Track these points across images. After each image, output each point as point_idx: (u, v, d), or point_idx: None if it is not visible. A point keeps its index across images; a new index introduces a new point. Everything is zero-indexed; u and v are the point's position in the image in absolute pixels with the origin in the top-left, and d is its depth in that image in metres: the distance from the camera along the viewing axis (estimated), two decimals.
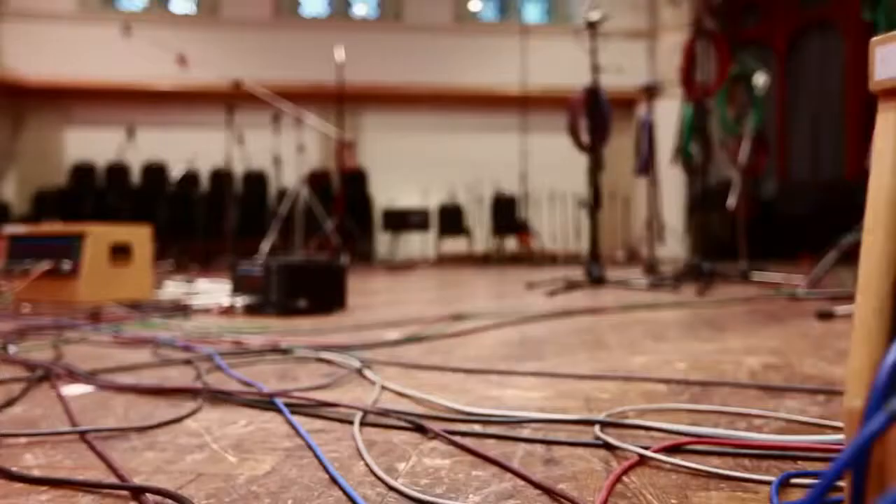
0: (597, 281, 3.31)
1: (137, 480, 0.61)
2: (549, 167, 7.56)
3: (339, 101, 6.35)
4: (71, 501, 0.57)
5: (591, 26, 3.19)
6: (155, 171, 7.96)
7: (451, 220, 8.07)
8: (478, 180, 8.09)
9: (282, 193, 6.65)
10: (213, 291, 2.89)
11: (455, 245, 8.02)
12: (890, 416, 0.28)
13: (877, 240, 0.37)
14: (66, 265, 2.53)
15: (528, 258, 7.46)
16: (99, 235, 2.60)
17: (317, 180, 7.16)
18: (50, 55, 8.07)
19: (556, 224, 8.02)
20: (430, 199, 8.07)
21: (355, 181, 7.80)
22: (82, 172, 7.92)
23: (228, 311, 2.23)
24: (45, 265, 2.53)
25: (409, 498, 0.56)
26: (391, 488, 0.59)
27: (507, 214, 7.88)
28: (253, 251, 5.69)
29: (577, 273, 3.76)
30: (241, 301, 2.24)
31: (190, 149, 7.44)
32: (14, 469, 0.63)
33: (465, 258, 7.84)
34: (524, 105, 7.66)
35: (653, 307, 2.33)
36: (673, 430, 0.73)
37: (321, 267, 2.28)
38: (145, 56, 7.44)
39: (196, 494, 0.58)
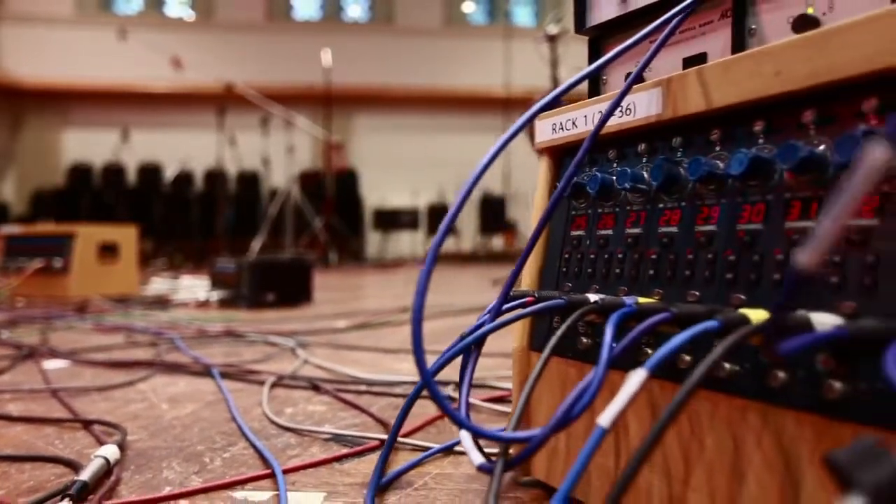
0: None
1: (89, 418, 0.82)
2: (537, 168, 7.76)
3: (328, 103, 6.57)
4: (38, 431, 0.78)
5: (552, 39, 3.40)
6: (150, 172, 8.18)
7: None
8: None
9: (275, 193, 6.87)
10: (194, 287, 3.11)
11: (444, 243, 8.23)
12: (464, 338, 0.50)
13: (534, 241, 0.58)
14: (58, 263, 2.75)
15: (514, 256, 7.68)
16: (88, 235, 2.81)
17: (308, 181, 7.38)
18: (48, 57, 8.29)
19: None
20: (420, 199, 8.29)
21: (346, 181, 8.02)
22: (79, 173, 8.13)
23: (204, 304, 2.45)
24: (38, 263, 2.75)
25: (282, 427, 0.78)
26: (272, 422, 0.80)
27: (493, 214, 8.09)
28: (246, 249, 5.91)
29: None
30: (216, 295, 2.46)
31: (184, 149, 7.68)
32: None
33: (453, 256, 8.06)
34: (509, 106, 7.87)
35: None
36: (503, 387, 0.95)
37: (289, 264, 2.50)
38: (141, 59, 7.67)
39: (130, 425, 0.79)
